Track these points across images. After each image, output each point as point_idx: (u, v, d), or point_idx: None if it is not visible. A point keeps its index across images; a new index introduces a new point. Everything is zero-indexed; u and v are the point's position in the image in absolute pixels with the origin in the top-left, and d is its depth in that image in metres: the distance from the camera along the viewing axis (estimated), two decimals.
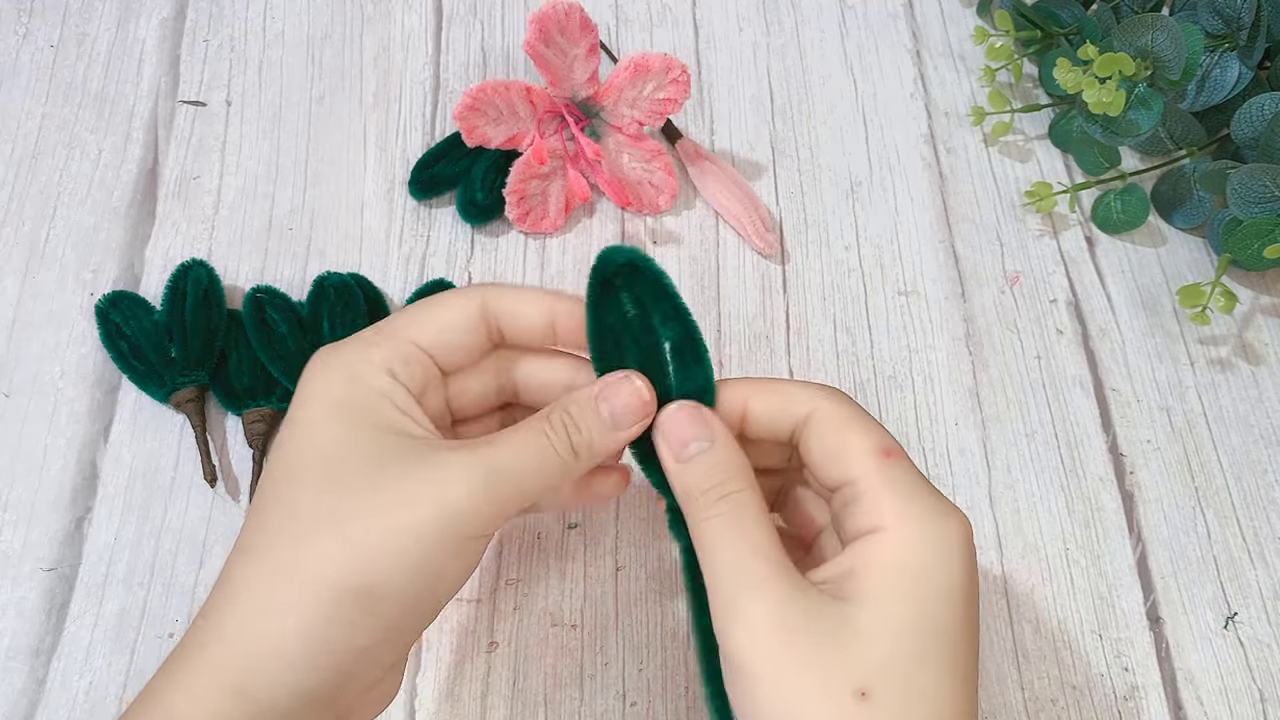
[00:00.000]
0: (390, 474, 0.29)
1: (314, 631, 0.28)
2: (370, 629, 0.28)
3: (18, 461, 0.44)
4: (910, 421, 0.48)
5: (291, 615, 0.28)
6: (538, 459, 0.31)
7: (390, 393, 0.31)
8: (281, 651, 0.28)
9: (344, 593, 0.28)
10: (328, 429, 0.30)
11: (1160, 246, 0.54)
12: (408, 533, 0.28)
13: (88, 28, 0.57)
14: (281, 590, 0.28)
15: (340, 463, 0.29)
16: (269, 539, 0.29)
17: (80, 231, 0.50)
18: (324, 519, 0.29)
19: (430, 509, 0.28)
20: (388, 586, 0.28)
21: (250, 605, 0.28)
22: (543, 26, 0.46)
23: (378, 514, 0.28)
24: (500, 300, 0.33)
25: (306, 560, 0.28)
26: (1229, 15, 0.50)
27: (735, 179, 0.52)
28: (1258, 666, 0.43)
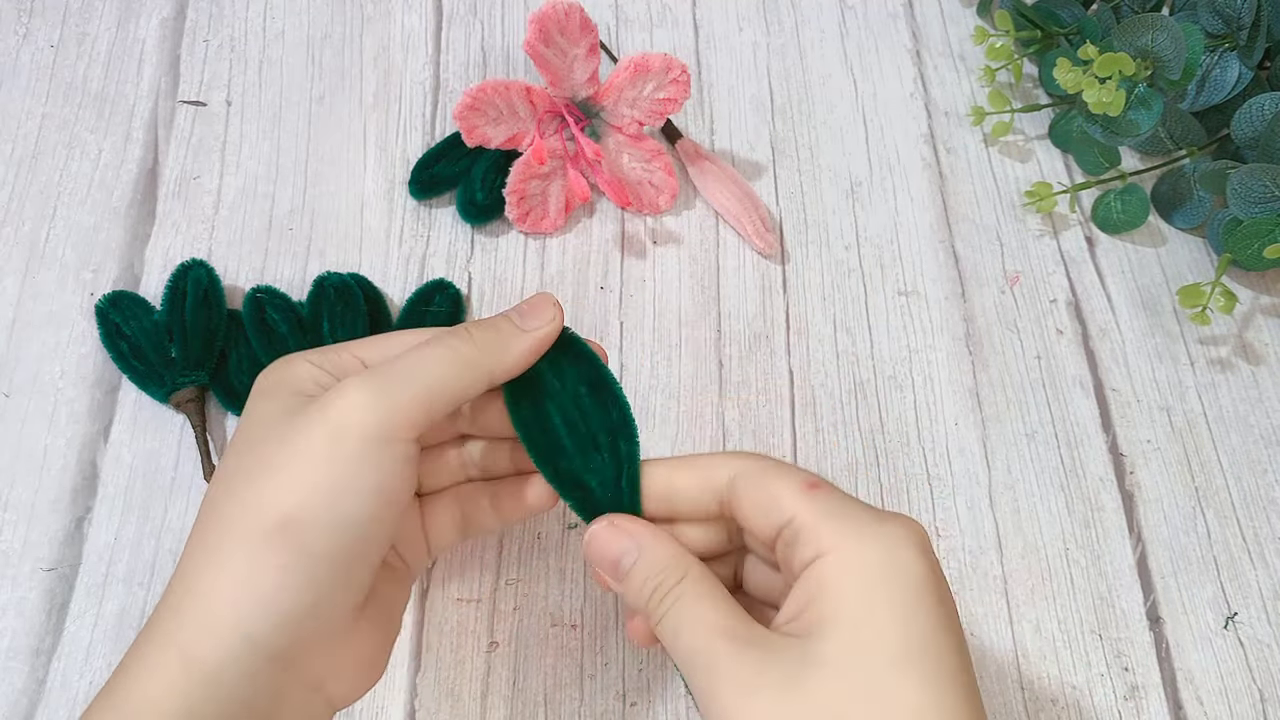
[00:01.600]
0: (293, 419, 0.30)
1: (249, 578, 0.28)
2: (304, 566, 0.28)
3: (18, 461, 0.44)
4: (910, 421, 0.48)
5: (225, 567, 0.28)
6: (435, 356, 0.31)
7: (316, 376, 0.32)
8: (222, 606, 0.28)
9: (267, 532, 0.28)
10: (252, 410, 0.31)
11: (1160, 246, 0.54)
12: (306, 456, 0.29)
13: (88, 27, 0.57)
14: (212, 546, 0.29)
15: (258, 427, 0.31)
16: (205, 510, 0.30)
17: (80, 231, 0.50)
18: (242, 472, 0.30)
19: (323, 426, 0.29)
20: (305, 513, 0.28)
21: (190, 570, 0.29)
22: (543, 26, 0.46)
23: (282, 451, 0.29)
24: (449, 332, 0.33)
25: (229, 512, 0.29)
26: (1229, 15, 0.50)
27: (735, 179, 0.52)
28: (1257, 666, 0.43)
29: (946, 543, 0.45)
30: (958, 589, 0.44)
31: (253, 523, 0.28)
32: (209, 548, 0.29)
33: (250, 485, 0.29)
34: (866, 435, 0.47)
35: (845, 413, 0.48)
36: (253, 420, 0.31)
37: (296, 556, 0.28)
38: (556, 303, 0.33)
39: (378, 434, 0.29)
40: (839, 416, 0.48)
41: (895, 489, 0.46)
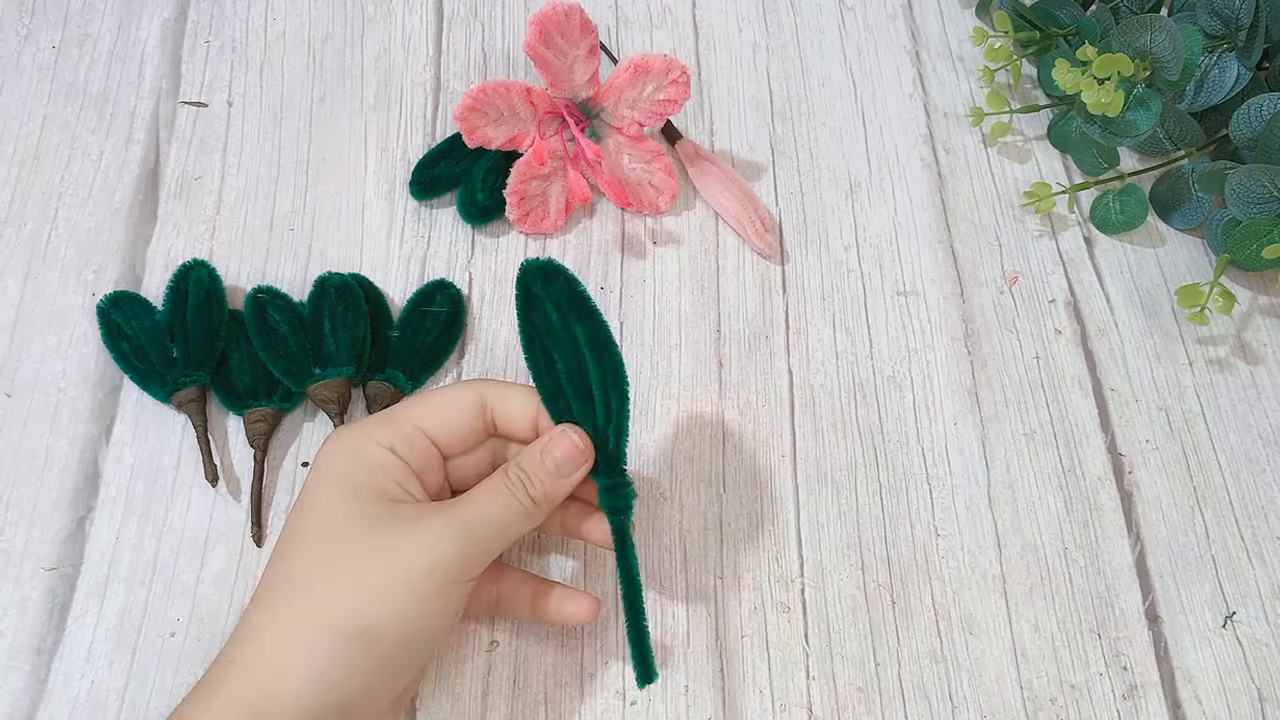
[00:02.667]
0: (384, 533, 0.34)
1: (320, 669, 0.32)
2: (369, 666, 0.33)
3: (20, 461, 0.44)
4: (909, 421, 0.48)
5: (301, 655, 0.32)
6: (504, 510, 0.36)
7: (388, 466, 0.36)
8: (292, 685, 0.32)
9: (347, 634, 0.32)
10: (330, 497, 0.35)
11: (1159, 247, 0.54)
12: (401, 581, 0.33)
13: (89, 29, 0.57)
14: (292, 634, 0.33)
15: (341, 525, 0.34)
16: (282, 591, 0.34)
17: (82, 232, 0.50)
18: (327, 573, 0.34)
19: (419, 559, 0.33)
20: (384, 628, 0.33)
21: (266, 645, 0.33)
22: (543, 28, 0.46)
23: (374, 567, 0.33)
24: (495, 395, 0.38)
25: (312, 608, 0.33)
26: (1227, 16, 0.51)
27: (735, 180, 0.52)
28: (1256, 666, 0.43)
29: (945, 542, 0.45)
30: (956, 588, 0.44)
31: (338, 624, 0.33)
32: (291, 629, 0.33)
33: (336, 586, 0.33)
34: (865, 435, 0.47)
35: (844, 413, 0.48)
36: (329, 511, 0.35)
37: (369, 658, 0.33)
38: (583, 441, 0.37)
39: (462, 575, 0.34)
40: (838, 416, 0.48)
41: (894, 488, 0.46)
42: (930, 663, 0.42)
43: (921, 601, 0.43)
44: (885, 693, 0.41)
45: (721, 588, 0.43)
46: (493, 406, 0.38)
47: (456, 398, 0.37)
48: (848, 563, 0.44)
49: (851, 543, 0.45)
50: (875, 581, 0.44)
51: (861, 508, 0.45)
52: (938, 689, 0.42)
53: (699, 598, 0.43)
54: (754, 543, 0.44)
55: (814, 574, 0.44)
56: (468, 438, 0.38)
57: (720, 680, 0.41)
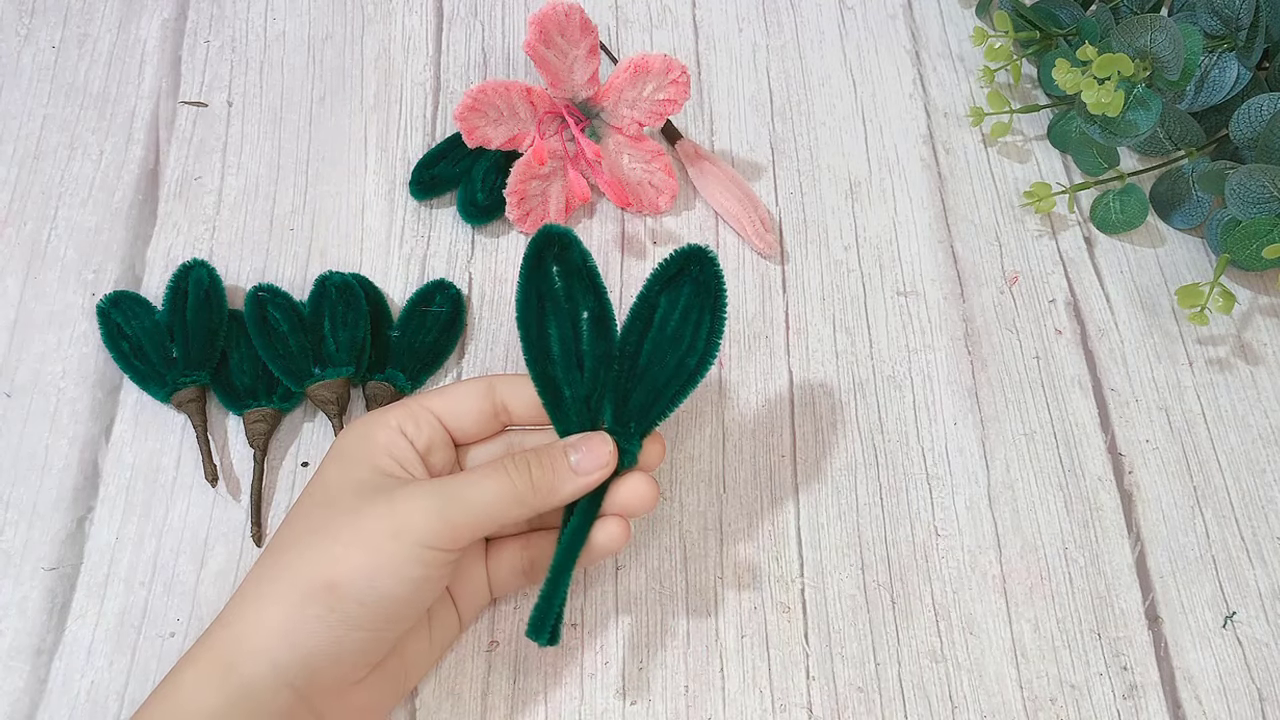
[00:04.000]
0: (365, 500, 0.35)
1: (290, 617, 0.33)
2: (333, 622, 0.33)
3: (19, 461, 0.44)
4: (909, 421, 0.48)
5: (274, 604, 0.34)
6: (494, 488, 0.36)
7: (390, 444, 0.37)
8: (262, 633, 0.33)
9: (312, 589, 0.33)
10: (330, 469, 0.37)
11: (1159, 247, 0.54)
12: (365, 541, 0.34)
13: (89, 29, 0.57)
14: (268, 585, 0.34)
15: (332, 492, 0.36)
16: (268, 554, 0.36)
17: (82, 232, 0.50)
18: (308, 532, 0.35)
19: (384, 521, 0.34)
20: (346, 585, 0.33)
21: (246, 597, 0.35)
22: (543, 28, 0.46)
23: (345, 527, 0.34)
24: (502, 382, 0.39)
25: (289, 561, 0.35)
26: (1227, 16, 0.51)
27: (735, 179, 0.52)
28: (1256, 666, 0.43)
29: (945, 542, 0.45)
30: (956, 588, 0.44)
31: (305, 577, 0.34)
32: (266, 583, 0.35)
33: (312, 543, 0.35)
34: (865, 435, 0.47)
35: (844, 412, 0.48)
36: (328, 481, 0.37)
37: (330, 614, 0.33)
38: (613, 450, 0.37)
39: (429, 542, 0.34)
40: (838, 416, 0.48)
41: (894, 488, 0.46)
42: (930, 663, 0.42)
43: (921, 601, 0.43)
44: (885, 693, 0.41)
45: (721, 588, 0.43)
46: (501, 392, 0.39)
47: (466, 384, 0.39)
48: (848, 563, 0.44)
49: (851, 543, 0.45)
50: (875, 581, 0.44)
51: (861, 508, 0.45)
52: (938, 689, 0.42)
53: (699, 598, 0.43)
54: (754, 543, 0.44)
55: (814, 574, 0.44)
56: (478, 422, 0.39)
57: (720, 680, 0.41)
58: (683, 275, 0.38)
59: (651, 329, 0.38)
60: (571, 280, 0.38)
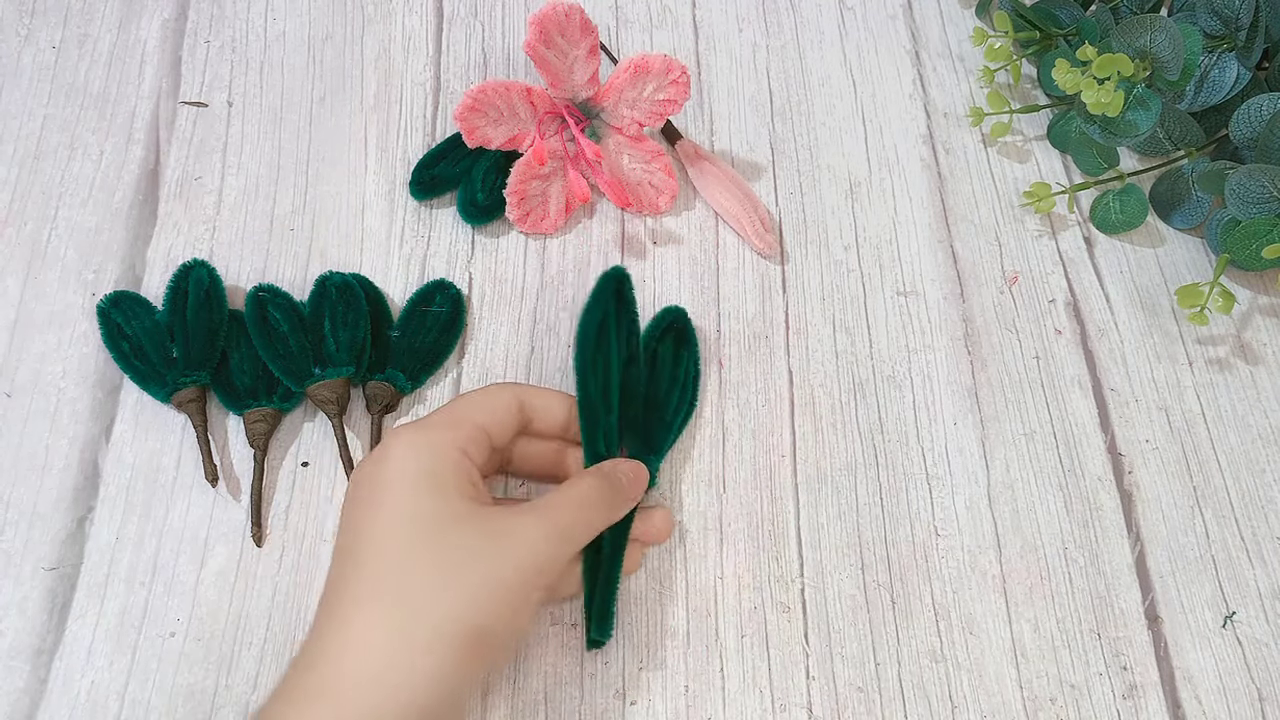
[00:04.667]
0: (479, 537, 0.35)
1: (432, 675, 0.32)
2: (476, 669, 0.34)
3: (20, 461, 0.44)
4: (909, 421, 0.48)
5: (413, 662, 0.32)
6: (590, 516, 0.38)
7: (466, 469, 0.37)
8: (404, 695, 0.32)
9: (462, 639, 0.33)
10: (422, 497, 0.35)
11: (1159, 247, 0.54)
12: (510, 584, 0.34)
13: (89, 29, 0.57)
14: (403, 641, 0.32)
15: (434, 525, 0.35)
16: (392, 589, 0.33)
17: (82, 232, 0.50)
18: (431, 574, 0.34)
19: (522, 560, 0.35)
20: (495, 631, 0.34)
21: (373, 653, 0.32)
22: (543, 28, 0.46)
23: (477, 571, 0.34)
24: (530, 396, 0.41)
25: (422, 613, 0.33)
26: (1227, 16, 0.51)
27: (735, 180, 0.52)
28: (1256, 665, 0.43)
29: (945, 542, 0.45)
30: (956, 588, 0.44)
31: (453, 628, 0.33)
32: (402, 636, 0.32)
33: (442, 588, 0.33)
34: (865, 435, 0.47)
35: (844, 412, 0.48)
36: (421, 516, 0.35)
37: (477, 661, 0.33)
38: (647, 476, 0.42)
39: (548, 578, 0.36)
40: (838, 416, 0.48)
41: (894, 488, 0.46)
42: (930, 663, 0.42)
43: (921, 601, 0.43)
44: (885, 693, 0.41)
45: (721, 588, 0.43)
46: (530, 406, 0.41)
47: (503, 399, 0.40)
48: (848, 563, 0.44)
49: (851, 543, 0.45)
50: (875, 581, 0.44)
51: (861, 508, 0.45)
52: (938, 689, 0.42)
53: (699, 598, 0.43)
54: (754, 543, 0.44)
55: (814, 574, 0.44)
56: (509, 437, 0.40)
57: (720, 680, 0.41)
58: (669, 331, 0.47)
59: (654, 372, 0.46)
60: (623, 317, 0.45)
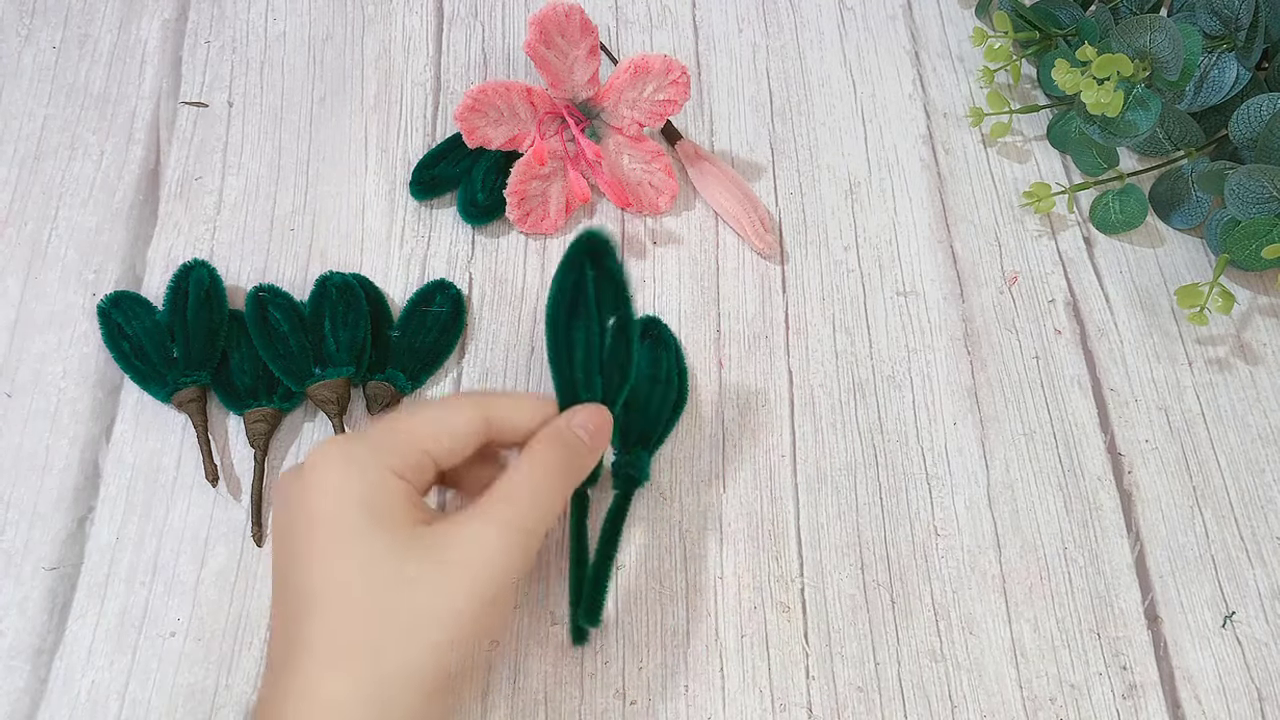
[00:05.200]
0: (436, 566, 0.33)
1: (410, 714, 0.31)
2: (449, 698, 0.33)
3: (20, 461, 0.44)
4: (909, 421, 0.48)
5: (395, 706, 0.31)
6: (549, 502, 0.35)
7: (404, 492, 0.34)
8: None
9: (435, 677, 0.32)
10: (364, 535, 0.33)
11: (1158, 247, 0.54)
12: (469, 610, 0.32)
13: (90, 29, 0.57)
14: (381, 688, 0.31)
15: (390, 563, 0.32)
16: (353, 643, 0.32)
17: (82, 232, 0.50)
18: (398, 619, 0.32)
19: (480, 582, 0.33)
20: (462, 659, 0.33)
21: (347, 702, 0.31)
22: (543, 28, 0.46)
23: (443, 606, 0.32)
24: (500, 411, 0.37)
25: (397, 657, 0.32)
26: (1227, 16, 0.51)
27: (735, 180, 0.52)
28: (1255, 665, 0.43)
29: (945, 542, 0.45)
30: (956, 588, 0.44)
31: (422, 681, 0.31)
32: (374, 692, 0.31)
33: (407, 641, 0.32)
34: (865, 435, 0.47)
35: (844, 412, 0.48)
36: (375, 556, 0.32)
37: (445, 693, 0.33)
38: (609, 417, 0.39)
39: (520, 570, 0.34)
40: (838, 416, 0.48)
41: (894, 488, 0.46)
42: (930, 662, 0.42)
43: (921, 601, 0.43)
44: (885, 693, 0.41)
45: (721, 587, 0.43)
46: (496, 420, 0.37)
47: (463, 420, 0.36)
48: (847, 562, 0.44)
49: (851, 542, 0.45)
50: (875, 581, 0.44)
51: (861, 508, 0.45)
52: (937, 689, 0.42)
53: (699, 598, 0.43)
54: (754, 543, 0.44)
55: (814, 574, 0.44)
56: (465, 455, 0.37)
57: (720, 680, 0.41)
58: (646, 335, 0.47)
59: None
60: (604, 286, 0.39)
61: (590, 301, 0.39)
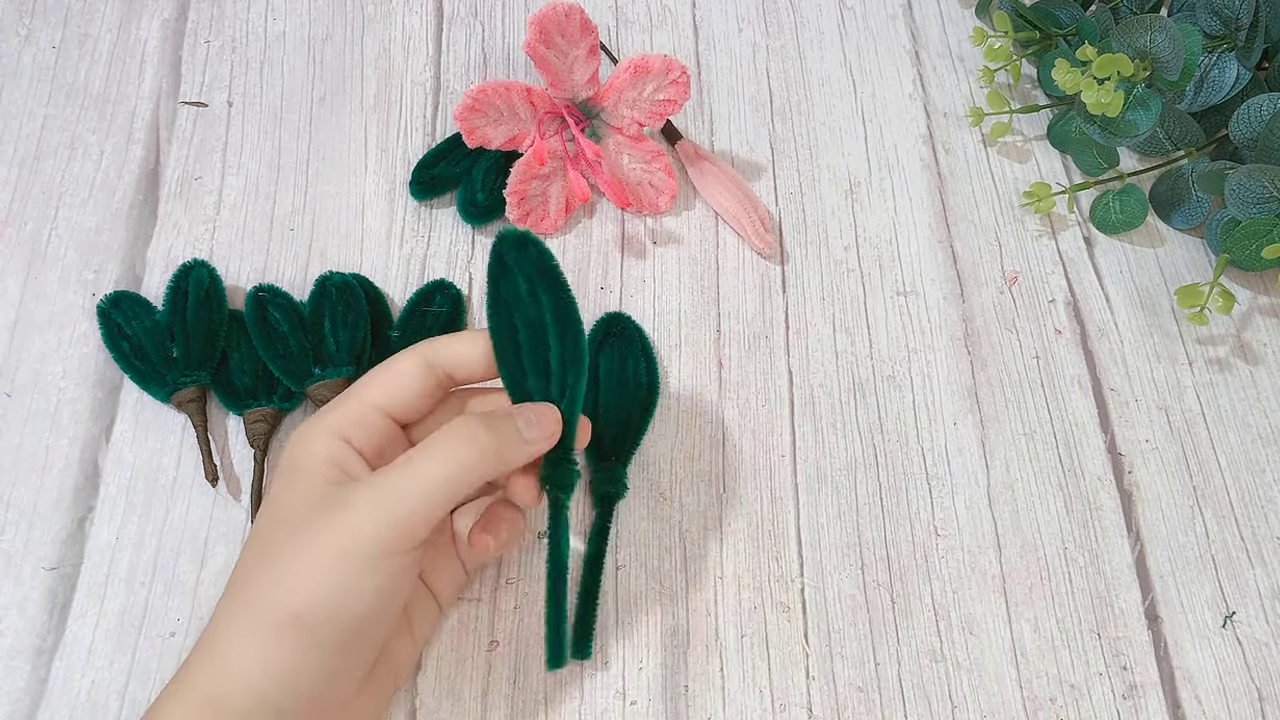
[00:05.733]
0: (311, 516, 0.33)
1: (265, 652, 0.32)
2: (311, 653, 0.32)
3: (20, 461, 0.44)
4: (909, 421, 0.48)
5: (247, 638, 0.33)
6: (439, 466, 0.34)
7: (332, 453, 0.35)
8: (243, 676, 0.32)
9: (281, 622, 0.32)
10: (279, 491, 0.35)
11: (1159, 247, 0.54)
12: (319, 563, 0.33)
13: (89, 29, 0.57)
14: (237, 619, 0.33)
15: (282, 512, 0.34)
16: (231, 585, 0.35)
17: (82, 232, 0.50)
18: (263, 559, 0.34)
19: (332, 538, 0.33)
20: (313, 612, 0.32)
21: (219, 630, 0.33)
22: (543, 28, 0.46)
23: (299, 550, 0.33)
24: (439, 350, 0.37)
25: (251, 594, 0.33)
26: (1227, 16, 0.51)
27: (735, 180, 0.52)
28: (1256, 665, 0.43)
29: (945, 542, 0.45)
30: (956, 588, 0.44)
31: (269, 609, 0.32)
32: (233, 621, 0.33)
33: (269, 573, 0.33)
34: (865, 435, 0.47)
35: (844, 412, 0.48)
36: (278, 502, 0.35)
37: (306, 645, 0.32)
38: (559, 418, 0.37)
39: (382, 549, 0.33)
40: (838, 416, 0.48)
41: (894, 488, 0.46)
42: (930, 662, 0.42)
43: (921, 601, 0.43)
44: (885, 693, 0.41)
45: (721, 587, 0.43)
46: (437, 362, 0.37)
47: (400, 365, 0.37)
48: (847, 562, 0.44)
49: (851, 542, 0.45)
50: (875, 581, 0.44)
51: (861, 508, 0.45)
52: (938, 689, 0.42)
53: (699, 598, 0.43)
54: (754, 543, 0.44)
55: (814, 574, 0.44)
56: (421, 401, 0.37)
57: (720, 680, 0.41)
58: (609, 338, 0.47)
59: (600, 383, 0.45)
60: (535, 281, 0.38)
61: (524, 300, 0.37)
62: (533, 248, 0.37)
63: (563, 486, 0.38)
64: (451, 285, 0.49)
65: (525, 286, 0.37)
